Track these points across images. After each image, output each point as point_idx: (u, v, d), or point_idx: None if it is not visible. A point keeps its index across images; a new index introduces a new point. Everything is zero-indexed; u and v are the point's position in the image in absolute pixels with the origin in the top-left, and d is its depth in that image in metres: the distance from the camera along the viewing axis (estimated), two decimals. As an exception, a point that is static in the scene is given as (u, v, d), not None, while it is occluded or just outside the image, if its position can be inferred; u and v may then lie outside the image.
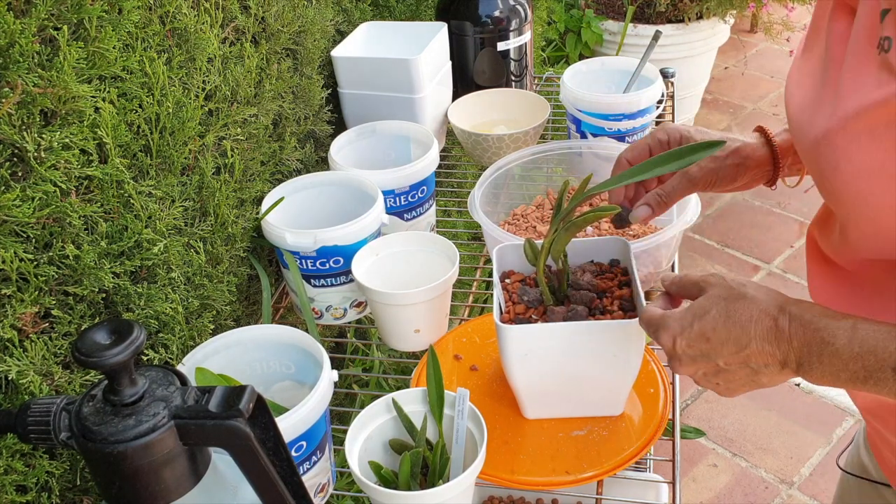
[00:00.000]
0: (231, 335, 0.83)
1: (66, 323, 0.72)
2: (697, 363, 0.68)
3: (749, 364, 0.65)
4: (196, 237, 0.90)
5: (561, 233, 0.81)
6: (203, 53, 0.91)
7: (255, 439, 0.50)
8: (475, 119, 1.38)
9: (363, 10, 1.41)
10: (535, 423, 0.88)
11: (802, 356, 0.62)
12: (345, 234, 0.97)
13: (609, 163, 1.21)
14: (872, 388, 0.60)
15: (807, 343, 0.62)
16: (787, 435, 1.94)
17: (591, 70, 1.40)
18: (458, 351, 0.99)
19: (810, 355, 0.62)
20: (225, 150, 0.97)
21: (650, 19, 2.69)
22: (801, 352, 0.62)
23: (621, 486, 1.09)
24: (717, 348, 0.66)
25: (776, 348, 0.63)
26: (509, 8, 1.40)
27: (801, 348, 0.62)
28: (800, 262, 2.44)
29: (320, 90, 1.22)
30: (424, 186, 1.13)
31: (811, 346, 0.62)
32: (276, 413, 0.70)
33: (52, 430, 0.51)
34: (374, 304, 0.97)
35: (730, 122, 3.11)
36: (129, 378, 0.49)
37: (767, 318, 0.64)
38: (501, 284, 0.88)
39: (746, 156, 0.81)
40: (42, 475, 0.68)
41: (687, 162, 0.77)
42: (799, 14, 2.86)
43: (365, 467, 0.77)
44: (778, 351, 0.63)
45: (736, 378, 0.67)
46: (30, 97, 0.66)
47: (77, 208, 0.72)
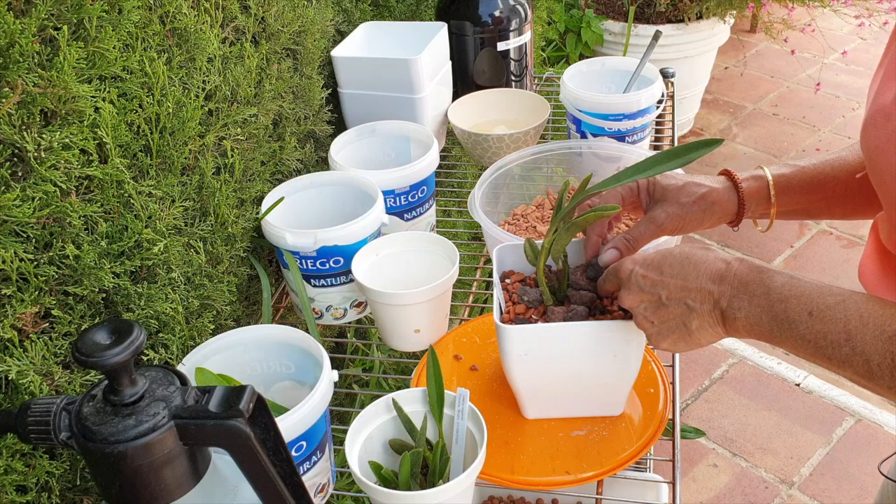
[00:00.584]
0: (231, 335, 0.83)
1: (66, 323, 0.72)
2: (643, 293, 0.73)
3: (686, 301, 0.70)
4: (196, 237, 0.90)
5: (561, 233, 0.81)
6: (203, 53, 0.91)
7: (255, 439, 0.50)
8: (475, 119, 1.38)
9: (363, 10, 1.41)
10: (535, 423, 0.88)
11: (735, 295, 0.68)
12: (345, 234, 0.97)
13: (609, 163, 1.22)
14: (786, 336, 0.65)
15: (745, 282, 0.68)
16: (787, 435, 1.94)
17: (591, 70, 1.40)
18: (458, 351, 0.99)
19: (743, 294, 0.67)
20: (225, 150, 0.97)
21: (650, 19, 2.69)
22: (738, 290, 0.68)
23: (621, 486, 1.09)
24: (667, 280, 0.72)
25: (716, 286, 0.69)
26: (509, 8, 1.40)
27: (739, 287, 0.68)
28: (800, 262, 2.44)
29: (320, 90, 1.22)
30: (424, 186, 1.13)
31: (748, 285, 0.68)
32: (276, 413, 0.70)
33: (52, 430, 0.51)
34: (374, 304, 0.97)
35: (730, 121, 3.11)
36: (129, 378, 0.49)
37: (721, 262, 0.70)
38: (501, 284, 0.88)
39: (712, 202, 0.83)
40: (42, 475, 0.68)
41: (685, 160, 0.77)
42: (799, 14, 2.86)
43: (365, 467, 0.77)
44: (716, 288, 0.69)
45: (670, 317, 0.72)
46: (30, 97, 0.67)
47: (77, 208, 0.72)
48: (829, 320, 0.63)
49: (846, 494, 1.79)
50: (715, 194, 0.84)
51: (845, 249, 2.48)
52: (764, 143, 2.97)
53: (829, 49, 3.32)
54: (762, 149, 2.94)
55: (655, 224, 0.83)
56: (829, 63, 3.42)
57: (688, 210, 0.83)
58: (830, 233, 2.55)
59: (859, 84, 3.29)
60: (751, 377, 2.10)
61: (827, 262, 2.44)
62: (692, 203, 0.83)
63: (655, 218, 0.83)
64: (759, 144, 2.97)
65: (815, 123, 3.07)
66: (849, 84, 3.30)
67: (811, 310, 0.64)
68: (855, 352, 0.61)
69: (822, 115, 3.12)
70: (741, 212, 0.85)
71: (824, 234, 2.56)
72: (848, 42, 3.47)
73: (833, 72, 3.38)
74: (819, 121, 3.08)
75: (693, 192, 0.83)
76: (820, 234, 2.55)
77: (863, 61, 3.44)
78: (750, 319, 0.67)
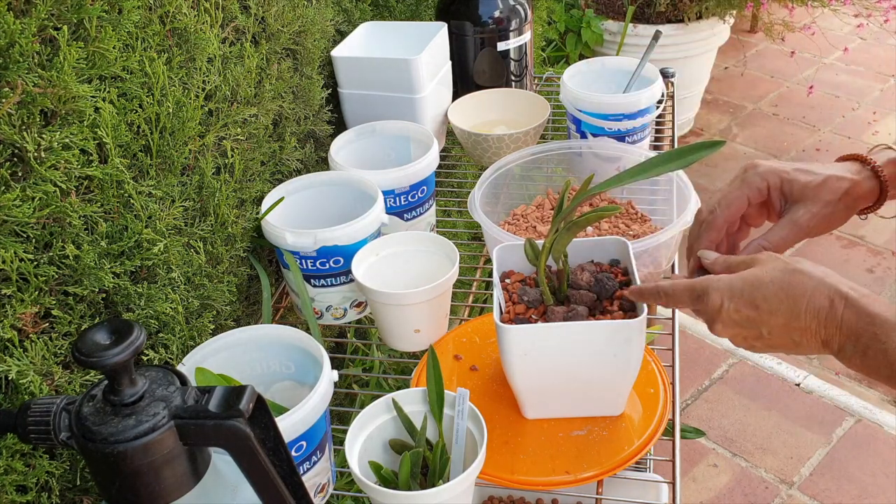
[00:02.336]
0: (231, 335, 0.83)
1: (66, 323, 0.72)
2: (741, 327, 0.68)
3: (791, 336, 0.66)
4: (196, 237, 0.90)
5: (562, 233, 0.81)
6: (203, 53, 0.91)
7: (255, 439, 0.50)
8: (475, 119, 1.38)
9: (363, 10, 1.41)
10: (535, 423, 0.88)
11: (846, 343, 0.63)
12: (345, 234, 0.97)
13: (609, 163, 1.22)
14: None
15: (856, 333, 0.62)
16: (787, 435, 1.94)
17: (591, 70, 1.40)
18: (458, 351, 0.99)
19: (856, 345, 0.62)
20: (225, 150, 0.97)
21: (650, 19, 2.69)
22: (848, 339, 0.63)
23: (621, 486, 1.09)
24: (765, 317, 0.66)
25: (823, 328, 0.64)
26: (509, 8, 1.40)
27: (849, 335, 0.62)
28: (800, 262, 2.44)
29: (320, 90, 1.22)
30: (424, 186, 1.13)
31: (860, 337, 0.62)
32: (276, 413, 0.70)
33: (52, 430, 0.51)
34: (374, 304, 0.97)
35: (730, 122, 3.11)
36: (129, 378, 0.49)
37: (823, 296, 0.64)
38: (501, 284, 0.88)
39: (857, 196, 0.77)
40: (42, 475, 0.68)
41: (687, 161, 0.77)
42: (799, 14, 2.86)
43: (365, 467, 0.77)
44: (824, 331, 0.64)
45: (775, 344, 0.68)
46: (30, 97, 0.66)
47: (77, 208, 0.72)
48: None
49: (846, 494, 1.79)
50: (859, 188, 0.76)
51: (845, 249, 2.48)
52: (764, 143, 2.97)
53: (829, 49, 3.32)
54: (762, 149, 2.94)
55: (798, 226, 0.76)
56: (828, 63, 3.42)
57: (833, 208, 0.76)
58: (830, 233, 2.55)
59: (859, 84, 3.29)
60: (751, 377, 2.10)
61: (827, 262, 2.44)
62: (837, 200, 0.76)
63: (798, 220, 0.76)
64: (759, 144, 2.97)
65: (815, 123, 3.07)
66: (849, 84, 3.30)
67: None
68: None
69: (822, 115, 3.12)
70: (882, 198, 0.78)
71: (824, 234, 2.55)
72: (848, 42, 3.47)
73: (833, 72, 3.38)
74: (819, 121, 3.08)
75: (836, 187, 0.76)
76: (820, 234, 2.55)
77: (863, 61, 3.44)
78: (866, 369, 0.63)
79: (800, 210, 0.76)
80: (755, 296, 0.66)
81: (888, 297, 2.28)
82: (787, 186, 0.77)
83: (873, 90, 3.25)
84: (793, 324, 0.65)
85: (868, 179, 0.77)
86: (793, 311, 0.65)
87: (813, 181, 0.76)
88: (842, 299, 0.63)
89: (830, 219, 0.77)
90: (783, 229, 0.77)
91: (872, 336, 0.61)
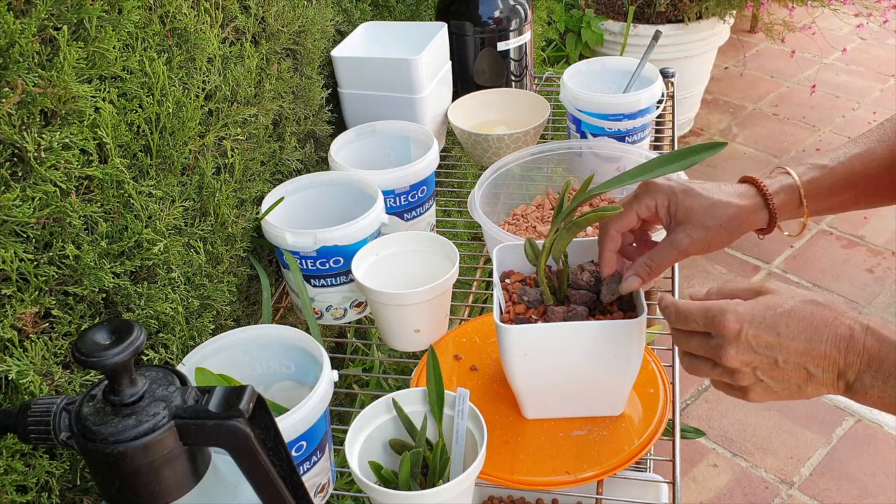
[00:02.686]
0: (231, 335, 0.83)
1: (66, 323, 0.72)
2: (756, 355, 0.66)
3: (807, 367, 0.64)
4: (196, 237, 0.90)
5: (562, 233, 0.81)
6: (203, 53, 0.91)
7: (255, 439, 0.50)
8: (475, 119, 1.38)
9: (363, 10, 1.41)
10: (535, 423, 0.88)
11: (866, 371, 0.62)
12: (345, 234, 0.97)
13: (609, 163, 1.22)
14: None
15: (878, 360, 0.62)
16: (787, 435, 1.94)
17: (591, 70, 1.40)
18: (458, 351, 0.99)
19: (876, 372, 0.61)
20: (225, 150, 0.97)
21: (650, 19, 2.69)
22: (869, 366, 0.62)
23: (621, 486, 1.09)
24: (785, 343, 0.65)
25: (843, 356, 0.63)
26: (509, 8, 1.40)
27: (870, 363, 0.62)
28: (800, 262, 2.44)
29: (320, 90, 1.22)
30: (424, 186, 1.13)
31: (882, 363, 0.62)
32: (276, 413, 0.70)
33: (52, 430, 0.51)
34: (374, 304, 0.97)
35: (730, 122, 3.11)
36: (129, 378, 0.49)
37: (844, 326, 0.64)
38: (501, 284, 0.88)
39: (741, 223, 0.78)
40: (42, 475, 0.68)
41: (688, 163, 0.77)
42: (799, 14, 2.86)
43: (365, 467, 0.77)
44: (843, 360, 0.63)
45: (785, 378, 0.66)
46: (30, 97, 0.66)
47: (77, 208, 0.72)
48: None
49: (846, 494, 1.79)
50: (744, 214, 0.77)
51: (845, 249, 2.48)
52: (764, 143, 2.97)
53: (829, 49, 3.32)
54: (762, 149, 2.94)
55: (678, 249, 0.78)
56: (828, 63, 3.42)
57: (714, 234, 0.77)
58: (830, 233, 2.55)
59: (859, 84, 3.29)
60: (751, 377, 2.09)
61: (827, 262, 2.44)
62: (719, 226, 0.77)
63: (678, 243, 0.78)
64: (759, 144, 2.97)
65: (815, 123, 3.07)
66: (849, 84, 3.30)
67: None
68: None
69: (822, 115, 3.12)
70: (771, 226, 0.79)
71: (824, 234, 2.55)
72: (848, 42, 3.47)
73: (833, 72, 3.38)
74: (819, 121, 3.08)
75: (720, 214, 0.77)
76: (820, 234, 2.55)
77: (862, 61, 3.44)
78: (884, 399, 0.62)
79: (680, 233, 0.78)
80: (778, 322, 0.65)
81: (888, 296, 2.28)
82: (673, 208, 0.78)
83: (873, 90, 3.25)
84: (811, 349, 0.64)
85: (758, 207, 0.78)
86: (814, 338, 0.64)
87: (697, 205, 0.77)
88: (863, 329, 0.63)
89: (710, 243, 0.77)
90: (664, 250, 0.79)
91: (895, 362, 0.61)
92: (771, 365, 0.66)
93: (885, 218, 2.58)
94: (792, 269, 2.42)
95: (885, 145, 0.78)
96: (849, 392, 0.64)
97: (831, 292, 2.32)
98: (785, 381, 0.66)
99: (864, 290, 2.31)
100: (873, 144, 0.79)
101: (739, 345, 0.66)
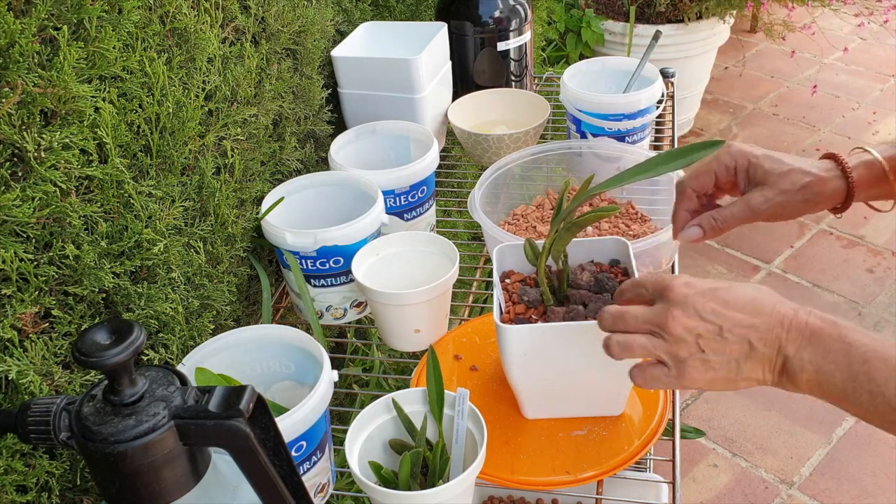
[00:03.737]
0: (231, 335, 0.83)
1: (66, 323, 0.72)
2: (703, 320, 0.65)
3: (749, 339, 0.64)
4: (196, 237, 0.90)
5: (562, 233, 0.81)
6: (203, 53, 0.91)
7: (255, 439, 0.50)
8: (475, 119, 1.38)
9: (363, 10, 1.41)
10: (535, 423, 0.88)
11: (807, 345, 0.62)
12: (345, 234, 0.97)
13: (609, 163, 1.22)
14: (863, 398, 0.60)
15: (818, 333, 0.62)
16: (787, 435, 1.94)
17: (591, 70, 1.40)
18: (458, 351, 0.99)
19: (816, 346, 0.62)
20: (225, 150, 0.97)
21: (650, 19, 2.69)
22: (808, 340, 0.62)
23: (621, 486, 1.09)
24: (731, 313, 0.65)
25: (786, 332, 0.63)
26: (509, 8, 1.40)
27: (810, 337, 0.62)
28: (800, 262, 2.44)
29: (320, 90, 1.22)
30: (424, 186, 1.13)
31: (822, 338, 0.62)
32: (276, 413, 0.70)
33: (52, 430, 0.51)
34: (374, 304, 0.97)
35: (730, 122, 3.11)
36: (129, 378, 0.49)
37: (788, 307, 0.65)
38: (501, 284, 0.88)
39: (818, 192, 0.77)
40: (42, 475, 0.68)
41: (688, 161, 0.77)
42: (799, 14, 2.86)
43: (365, 467, 0.77)
44: (786, 334, 0.63)
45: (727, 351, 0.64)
46: (30, 97, 0.66)
47: (77, 208, 0.72)
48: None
49: (846, 494, 1.79)
50: (821, 184, 0.77)
51: (845, 249, 2.48)
52: (764, 143, 2.97)
53: (829, 49, 3.32)
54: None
55: (750, 207, 0.78)
56: (828, 63, 3.42)
57: (789, 198, 0.77)
58: (830, 233, 2.55)
59: (859, 84, 3.29)
60: (751, 377, 2.09)
61: (827, 261, 2.44)
62: (795, 191, 0.77)
63: (752, 201, 0.77)
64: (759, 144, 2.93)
65: (815, 123, 3.07)
66: (849, 84, 3.30)
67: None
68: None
69: (822, 115, 3.12)
70: (849, 201, 0.79)
71: (824, 234, 2.56)
72: (848, 42, 3.47)
73: (833, 72, 3.38)
74: (819, 121, 3.08)
75: (798, 179, 0.77)
76: (820, 233, 2.55)
77: (863, 61, 3.44)
78: (820, 376, 0.61)
79: (756, 193, 0.78)
80: (725, 295, 0.66)
81: (888, 296, 2.28)
82: (752, 169, 0.79)
83: (873, 90, 3.25)
84: (757, 323, 0.64)
85: (836, 179, 0.78)
86: (759, 312, 0.64)
87: (776, 168, 0.77)
88: (807, 312, 0.64)
89: (785, 207, 0.77)
90: (735, 207, 0.78)
91: (837, 337, 0.61)
92: (715, 334, 0.65)
93: (885, 218, 2.58)
94: (792, 269, 2.42)
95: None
96: (784, 374, 0.64)
97: (831, 292, 2.32)
98: (725, 354, 0.65)
99: (864, 290, 2.31)
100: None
101: (686, 308, 0.65)
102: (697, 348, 0.65)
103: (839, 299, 2.29)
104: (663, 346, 0.66)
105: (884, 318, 2.20)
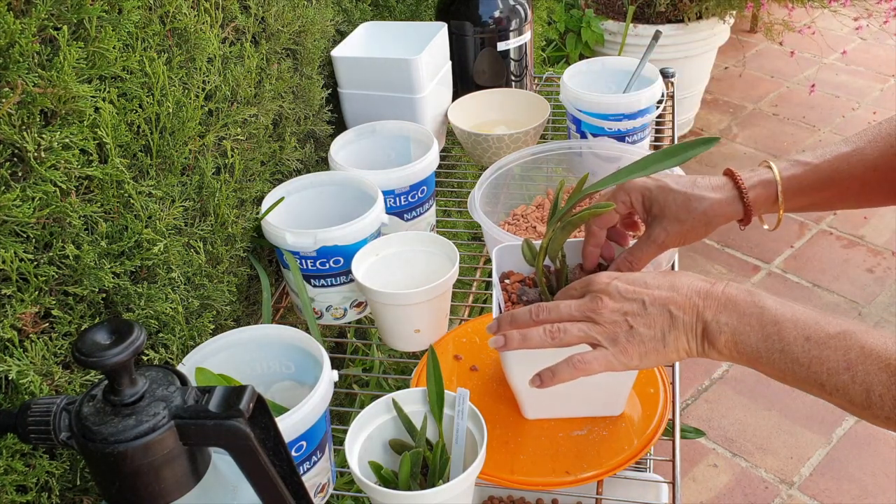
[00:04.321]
0: (231, 335, 0.83)
1: (66, 323, 0.72)
2: (626, 300, 0.70)
3: (670, 308, 0.69)
4: (196, 237, 0.90)
5: (558, 232, 0.81)
6: (203, 53, 0.91)
7: (255, 439, 0.50)
8: (475, 119, 1.38)
9: (363, 10, 1.41)
10: (535, 423, 0.88)
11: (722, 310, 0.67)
12: (345, 234, 0.97)
13: (609, 163, 1.22)
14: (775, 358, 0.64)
15: (733, 300, 0.67)
16: (787, 435, 1.94)
17: (591, 70, 1.40)
18: (458, 351, 0.99)
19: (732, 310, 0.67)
20: (225, 150, 0.97)
21: (650, 19, 2.69)
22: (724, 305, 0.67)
23: (621, 486, 1.09)
24: (651, 290, 0.70)
25: (703, 300, 0.68)
26: (509, 8, 1.40)
27: (726, 303, 0.67)
28: (800, 262, 2.44)
29: (320, 90, 1.22)
30: (424, 186, 1.13)
31: (738, 303, 0.67)
32: (276, 413, 0.70)
33: (52, 430, 0.51)
34: (374, 304, 0.97)
35: (730, 122, 3.11)
36: (129, 378, 0.49)
37: (703, 282, 0.70)
38: (501, 285, 0.88)
39: (715, 215, 0.80)
40: (42, 475, 0.68)
41: (682, 159, 0.78)
42: (799, 15, 2.86)
43: (365, 467, 0.77)
44: (702, 302, 0.68)
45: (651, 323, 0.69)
46: (30, 97, 0.66)
47: (77, 208, 0.72)
48: (829, 347, 0.62)
49: (846, 494, 1.79)
50: (717, 208, 0.80)
51: (845, 249, 2.48)
52: (764, 143, 2.97)
53: (829, 49, 3.32)
54: (762, 149, 2.94)
55: (655, 243, 0.81)
56: (828, 63, 3.42)
57: (689, 226, 0.80)
58: (830, 233, 2.55)
59: (859, 84, 3.29)
60: (751, 377, 2.10)
61: (827, 261, 2.44)
62: (694, 219, 0.80)
63: (653, 235, 0.81)
64: (759, 144, 2.97)
65: (815, 123, 3.07)
66: (848, 84, 3.30)
67: (808, 335, 0.63)
68: (854, 381, 0.61)
69: (822, 115, 3.12)
70: (747, 219, 0.82)
71: (824, 234, 2.56)
72: (847, 42, 3.47)
73: (833, 72, 3.38)
74: (819, 121, 3.08)
75: (694, 208, 0.80)
76: (820, 234, 2.55)
77: (862, 61, 3.44)
78: (736, 337, 0.66)
79: (656, 228, 0.81)
80: (644, 277, 0.72)
81: (888, 296, 2.28)
82: (648, 203, 0.82)
83: (873, 90, 3.25)
84: (675, 295, 0.69)
85: (733, 201, 0.81)
86: (677, 287, 0.70)
87: (671, 200, 0.81)
88: (724, 283, 0.69)
89: (687, 234, 0.81)
90: (643, 246, 0.82)
91: (751, 302, 0.66)
92: (640, 309, 0.70)
93: (885, 218, 2.58)
94: (792, 269, 2.42)
95: (875, 146, 0.80)
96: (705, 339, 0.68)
97: (831, 292, 2.32)
98: (652, 326, 0.69)
99: (864, 290, 2.31)
100: (863, 144, 0.80)
101: (611, 293, 0.71)
102: (627, 325, 0.70)
103: (839, 299, 2.29)
104: (597, 329, 0.71)
105: (884, 318, 2.20)
